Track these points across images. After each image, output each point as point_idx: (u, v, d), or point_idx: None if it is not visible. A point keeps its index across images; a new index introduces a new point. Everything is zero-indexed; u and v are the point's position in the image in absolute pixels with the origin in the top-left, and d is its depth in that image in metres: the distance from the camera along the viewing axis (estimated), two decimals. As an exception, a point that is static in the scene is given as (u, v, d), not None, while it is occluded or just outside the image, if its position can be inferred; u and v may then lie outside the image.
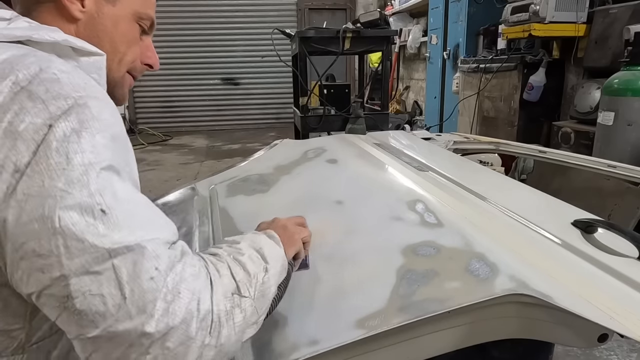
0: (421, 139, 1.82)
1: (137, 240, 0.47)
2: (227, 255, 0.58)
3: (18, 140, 0.46)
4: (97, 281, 0.45)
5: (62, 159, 0.46)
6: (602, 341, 0.66)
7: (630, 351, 1.66)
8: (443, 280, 0.72)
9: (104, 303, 0.44)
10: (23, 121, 0.47)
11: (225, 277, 0.54)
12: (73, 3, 0.65)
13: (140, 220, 0.49)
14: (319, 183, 1.23)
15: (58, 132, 0.47)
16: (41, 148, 0.46)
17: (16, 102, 0.48)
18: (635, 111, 2.24)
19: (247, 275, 0.56)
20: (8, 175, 0.46)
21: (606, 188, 1.76)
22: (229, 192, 1.21)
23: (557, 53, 3.30)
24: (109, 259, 0.45)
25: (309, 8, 7.18)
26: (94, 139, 0.49)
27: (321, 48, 2.68)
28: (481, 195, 1.03)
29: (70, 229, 0.45)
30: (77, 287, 0.44)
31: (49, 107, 0.48)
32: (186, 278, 0.49)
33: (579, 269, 0.74)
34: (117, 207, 0.47)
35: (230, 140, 6.38)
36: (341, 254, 0.84)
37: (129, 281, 0.45)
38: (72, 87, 0.51)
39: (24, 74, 0.50)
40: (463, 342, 0.70)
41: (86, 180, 0.47)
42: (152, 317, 0.45)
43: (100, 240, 0.45)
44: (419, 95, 6.34)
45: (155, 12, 0.77)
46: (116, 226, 0.46)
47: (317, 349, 0.61)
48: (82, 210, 0.45)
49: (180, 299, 0.47)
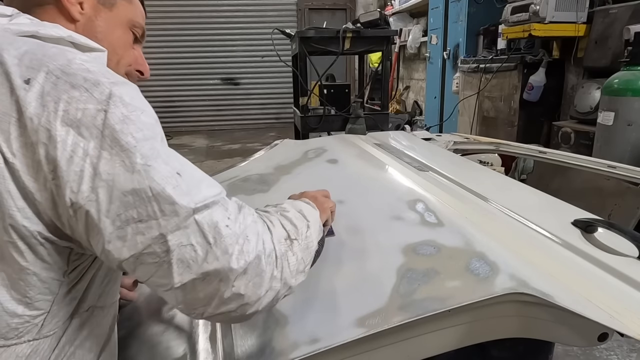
0: (421, 140, 1.82)
1: (210, 198, 0.55)
2: (275, 212, 0.67)
3: (81, 127, 0.51)
4: (186, 234, 0.52)
5: (129, 138, 0.52)
6: (602, 340, 0.66)
7: (630, 351, 1.66)
8: (443, 279, 0.72)
9: (194, 250, 0.52)
10: (78, 109, 0.51)
11: (277, 226, 0.63)
12: (73, 5, 0.68)
13: (200, 179, 0.57)
14: (319, 183, 1.23)
15: (114, 117, 0.52)
16: (106, 132, 0.51)
17: (62, 92, 0.51)
18: (635, 111, 2.24)
19: (294, 227, 0.65)
20: (79, 159, 0.50)
21: (606, 188, 1.76)
22: (229, 192, 1.21)
23: (557, 53, 3.30)
24: (193, 214, 0.52)
25: (309, 8, 7.18)
26: (142, 118, 0.54)
27: (321, 48, 2.68)
28: (481, 195, 1.03)
29: (161, 194, 0.51)
30: (173, 241, 0.51)
31: (94, 94, 0.52)
32: (249, 224, 0.57)
33: (579, 268, 0.74)
34: (184, 169, 0.55)
35: (230, 140, 6.38)
36: (342, 252, 0.84)
37: (210, 231, 0.53)
38: (102, 75, 0.55)
39: (54, 65, 0.53)
40: (463, 341, 0.70)
41: (156, 152, 0.53)
42: (233, 256, 0.53)
43: (186, 199, 0.52)
44: (419, 95, 6.34)
45: (156, 12, 0.80)
46: (192, 185, 0.54)
47: (318, 348, 0.61)
48: (165, 178, 0.52)
49: (249, 240, 0.56)
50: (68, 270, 0.57)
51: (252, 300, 0.56)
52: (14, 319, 0.53)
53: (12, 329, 0.54)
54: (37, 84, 0.51)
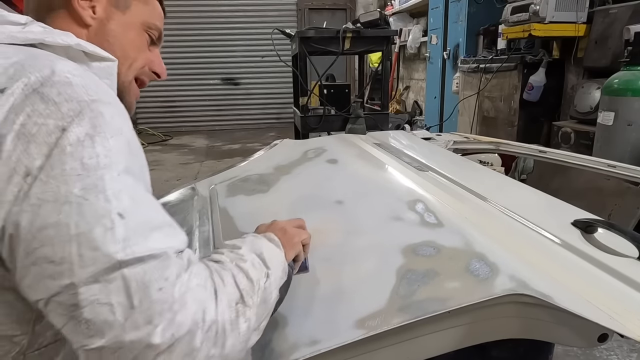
0: (421, 139, 1.82)
1: (149, 251, 0.46)
2: (230, 262, 0.57)
3: (31, 143, 0.46)
4: (106, 290, 0.44)
5: (76, 164, 0.46)
6: (602, 341, 0.66)
7: (630, 351, 1.66)
8: (443, 280, 0.72)
9: (112, 312, 0.44)
10: (36, 123, 0.47)
11: (229, 285, 0.53)
12: (85, 9, 0.67)
13: (154, 226, 0.49)
14: (319, 183, 1.23)
15: (72, 136, 0.47)
16: (55, 152, 0.46)
17: (28, 104, 0.48)
18: (635, 111, 2.24)
19: (250, 282, 0.56)
20: (20, 178, 0.45)
21: (606, 188, 1.76)
22: (229, 192, 1.22)
23: (557, 53, 3.30)
24: (119, 269, 0.44)
25: (309, 8, 7.18)
26: (108, 143, 0.49)
27: (321, 48, 2.68)
28: (481, 195, 1.03)
29: (86, 236, 0.44)
30: (85, 295, 0.44)
31: (61, 109, 0.48)
32: (192, 288, 0.48)
33: (579, 269, 0.74)
34: (133, 211, 0.47)
35: (230, 140, 6.37)
36: (341, 254, 0.84)
37: (137, 291, 0.44)
38: (85, 90, 0.51)
39: (36, 76, 0.50)
40: (463, 342, 0.70)
41: (102, 186, 0.46)
42: (158, 328, 0.45)
43: (114, 248, 0.45)
44: (419, 95, 6.34)
45: None
46: (131, 232, 0.46)
47: (318, 349, 0.61)
48: (98, 217, 0.45)
49: (187, 309, 0.46)
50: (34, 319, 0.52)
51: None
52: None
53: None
54: (10, 96, 0.48)
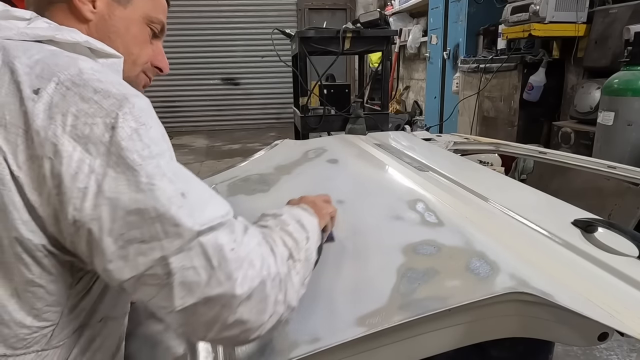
0: (421, 140, 1.82)
1: (217, 220, 0.53)
2: (276, 227, 0.65)
3: (88, 144, 0.49)
4: (189, 257, 0.50)
5: (135, 155, 0.50)
6: (602, 340, 0.66)
7: (630, 351, 1.66)
8: (443, 279, 0.72)
9: (197, 274, 0.50)
10: (86, 124, 0.50)
11: (280, 245, 0.61)
12: (84, 4, 0.66)
13: (207, 199, 0.54)
14: (320, 183, 1.23)
15: (122, 132, 0.50)
16: (113, 150, 0.50)
17: (71, 104, 0.50)
18: (635, 111, 2.24)
19: (295, 243, 0.64)
20: (84, 176, 0.49)
21: (606, 188, 1.76)
22: (230, 192, 1.22)
23: (557, 53, 3.30)
24: (197, 237, 0.50)
25: (309, 8, 7.18)
26: (150, 133, 0.53)
27: (321, 48, 2.68)
28: (481, 195, 1.03)
29: (165, 215, 0.49)
30: (175, 264, 0.50)
31: (103, 106, 0.51)
32: (253, 247, 0.55)
33: (579, 267, 0.74)
34: (190, 189, 0.53)
35: (230, 140, 6.38)
36: (342, 252, 0.84)
37: (214, 254, 0.51)
38: (114, 86, 0.53)
39: (65, 75, 0.52)
40: (463, 341, 0.70)
41: (162, 171, 0.51)
42: (237, 282, 0.51)
43: (191, 221, 0.50)
44: (419, 95, 6.34)
45: None
46: (197, 205, 0.52)
47: (318, 347, 0.61)
48: (169, 198, 0.50)
49: (254, 265, 0.54)
50: (74, 283, 0.56)
51: (255, 326, 0.54)
52: (23, 330, 0.53)
53: (20, 339, 0.53)
54: (46, 95, 0.50)
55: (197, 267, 0.50)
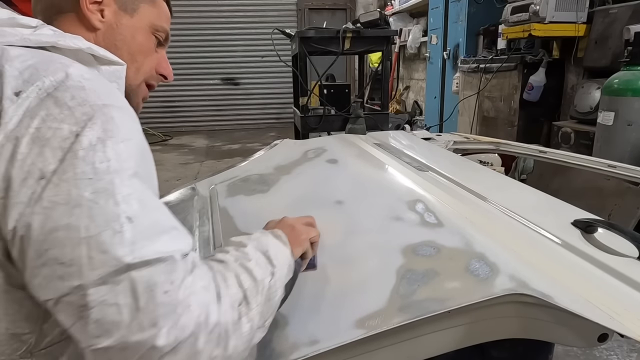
0: (421, 139, 1.82)
1: (156, 255, 0.47)
2: (234, 262, 0.58)
3: (46, 147, 0.47)
4: (114, 292, 0.45)
5: (88, 167, 0.47)
6: (602, 341, 0.66)
7: (630, 351, 1.66)
8: (443, 280, 0.72)
9: (119, 313, 0.45)
10: (50, 128, 0.48)
11: (232, 287, 0.54)
12: (93, 13, 0.68)
13: (161, 230, 0.49)
14: (319, 183, 1.23)
15: (84, 140, 0.48)
16: (68, 156, 0.47)
17: (43, 108, 0.49)
18: (635, 111, 2.24)
19: (254, 282, 0.57)
20: (33, 181, 0.46)
21: (606, 188, 1.76)
22: (229, 192, 1.21)
23: (557, 53, 3.30)
24: (127, 271, 0.45)
25: (309, 8, 7.18)
26: (119, 147, 0.50)
27: (321, 48, 2.68)
28: (481, 195, 1.03)
29: (96, 239, 0.45)
30: (94, 297, 0.44)
31: (75, 113, 0.49)
32: (196, 291, 0.49)
33: (579, 268, 0.74)
34: (142, 214, 0.48)
35: (230, 140, 6.37)
36: (341, 253, 0.84)
37: (144, 293, 0.45)
38: (97, 95, 0.52)
39: (50, 80, 0.51)
40: (463, 342, 0.70)
41: (112, 190, 0.47)
42: (162, 330, 0.45)
43: (123, 252, 0.45)
44: (419, 95, 6.34)
45: None
46: (139, 235, 0.47)
47: (317, 349, 0.61)
48: (108, 220, 0.46)
49: (190, 312, 0.47)
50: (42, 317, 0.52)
51: None
52: (2, 337, 0.51)
53: (7, 346, 0.51)
54: (26, 100, 0.49)
55: (121, 305, 0.45)
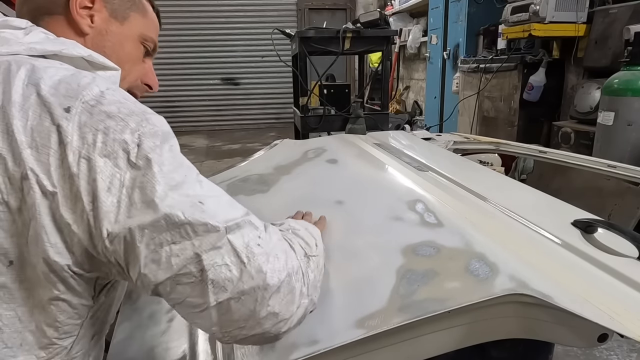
0: (421, 139, 1.82)
1: (239, 219, 0.55)
2: (287, 230, 0.69)
3: (118, 159, 0.51)
4: (220, 254, 0.52)
5: (157, 168, 0.52)
6: (602, 341, 0.66)
7: (630, 351, 1.66)
8: (443, 280, 0.72)
9: (229, 270, 0.53)
10: (115, 140, 0.52)
11: (296, 244, 0.64)
12: (83, 18, 0.68)
13: (229, 201, 0.58)
14: (319, 183, 1.23)
15: (146, 147, 0.53)
16: (140, 163, 0.52)
17: (99, 122, 0.52)
18: (635, 111, 2.24)
19: (308, 245, 0.67)
20: (116, 190, 0.51)
21: (606, 188, 1.76)
22: (229, 192, 1.21)
23: (557, 53, 3.30)
24: (225, 234, 0.53)
25: (309, 8, 7.18)
26: (169, 146, 0.55)
27: (321, 48, 2.68)
28: (481, 195, 1.03)
29: (192, 217, 0.52)
30: (207, 261, 0.52)
31: (129, 123, 0.53)
32: (275, 242, 0.59)
33: (579, 268, 0.74)
34: (213, 193, 0.56)
35: (230, 140, 6.37)
36: (341, 253, 0.84)
37: (243, 250, 0.54)
38: (134, 104, 0.56)
39: (89, 95, 0.53)
40: (463, 342, 0.70)
41: (183, 180, 0.54)
42: (267, 274, 0.54)
43: (216, 220, 0.53)
44: (419, 95, 6.34)
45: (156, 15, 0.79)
46: (219, 208, 0.55)
47: (317, 349, 0.61)
48: (196, 203, 0.53)
49: (279, 258, 0.57)
50: (95, 295, 0.59)
51: (286, 317, 0.57)
52: (44, 340, 0.55)
53: (43, 349, 0.55)
54: (76, 115, 0.51)
55: (229, 263, 0.53)
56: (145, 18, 0.76)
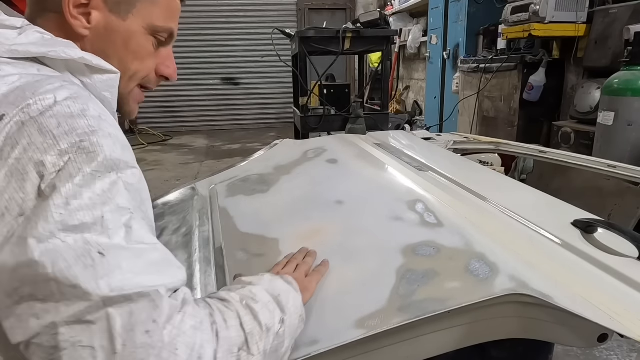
0: (421, 139, 1.82)
1: (138, 289, 0.43)
2: (239, 302, 0.53)
3: (26, 182, 0.43)
4: (89, 332, 0.40)
5: (60, 201, 0.43)
6: (602, 341, 0.66)
7: (630, 351, 1.66)
8: (443, 280, 0.72)
9: (93, 357, 0.40)
10: (31, 159, 0.44)
11: (232, 328, 0.49)
12: (76, 19, 0.60)
13: (147, 262, 0.45)
14: (319, 183, 1.23)
15: (65, 173, 0.44)
16: (47, 191, 0.43)
17: (25, 136, 0.45)
18: (635, 111, 2.24)
19: (259, 326, 0.51)
20: (12, 218, 0.42)
21: (606, 188, 1.76)
22: (229, 192, 1.21)
23: (557, 53, 3.30)
24: (104, 307, 0.41)
25: (309, 8, 7.18)
26: (104, 180, 0.46)
27: (321, 48, 2.68)
28: (481, 195, 1.03)
29: (64, 274, 0.41)
30: (66, 337, 0.40)
31: (60, 144, 0.45)
32: (185, 331, 0.44)
33: (579, 269, 0.74)
34: (131, 247, 0.45)
35: (230, 140, 6.37)
36: (341, 253, 0.84)
37: (122, 334, 0.41)
38: (86, 122, 0.48)
39: (37, 105, 0.47)
40: (463, 342, 0.69)
41: (93, 223, 0.44)
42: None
43: (95, 284, 0.41)
44: (419, 95, 6.34)
45: None
46: (120, 268, 0.43)
47: (317, 349, 0.61)
48: (84, 253, 0.42)
49: (177, 356, 0.42)
50: None
51: None
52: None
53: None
54: (7, 125, 0.45)
55: (96, 347, 0.40)
56: (155, 5, 0.65)
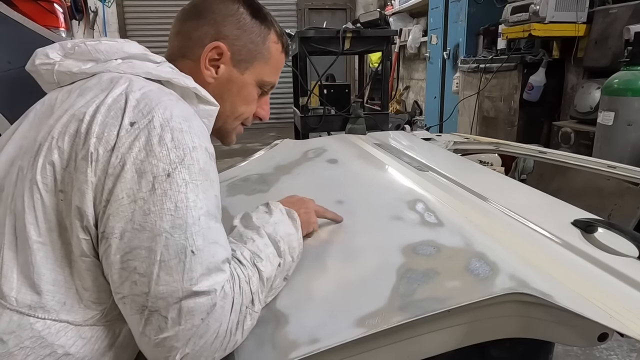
0: (421, 139, 1.82)
1: (203, 288, 0.57)
2: (249, 261, 0.67)
3: (143, 178, 0.57)
4: (168, 307, 0.56)
5: (172, 205, 0.57)
6: (602, 340, 0.66)
7: (630, 351, 1.66)
8: (443, 280, 0.72)
9: (165, 323, 0.56)
10: (150, 163, 0.58)
11: (245, 293, 0.63)
12: (208, 70, 0.78)
13: (214, 265, 0.59)
14: (319, 183, 1.23)
15: (173, 181, 0.58)
16: (158, 191, 0.57)
17: (149, 143, 0.59)
18: (635, 111, 2.24)
19: (262, 284, 0.67)
20: (126, 204, 0.57)
21: (606, 188, 1.76)
22: (229, 192, 1.21)
23: (557, 53, 3.30)
24: (180, 300, 0.56)
25: (309, 8, 7.18)
26: (198, 189, 0.60)
27: (321, 48, 2.68)
28: (481, 195, 1.03)
29: (166, 264, 0.56)
30: (154, 305, 0.56)
31: (171, 154, 0.59)
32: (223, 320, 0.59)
33: (579, 268, 0.74)
34: (204, 249, 0.58)
35: (230, 140, 6.36)
36: (341, 252, 0.84)
37: (186, 315, 0.56)
38: (190, 137, 0.61)
39: (159, 117, 0.60)
40: (463, 341, 0.70)
41: (186, 223, 0.58)
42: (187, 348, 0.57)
43: (181, 277, 0.56)
44: (419, 95, 6.34)
45: (156, 12, 0.84)
46: (198, 266, 0.57)
47: (317, 348, 0.61)
48: (177, 251, 0.57)
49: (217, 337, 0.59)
50: None
51: None
52: (81, 304, 0.60)
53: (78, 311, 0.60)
54: (137, 130, 0.59)
55: (169, 318, 0.56)
56: (267, 65, 0.82)
